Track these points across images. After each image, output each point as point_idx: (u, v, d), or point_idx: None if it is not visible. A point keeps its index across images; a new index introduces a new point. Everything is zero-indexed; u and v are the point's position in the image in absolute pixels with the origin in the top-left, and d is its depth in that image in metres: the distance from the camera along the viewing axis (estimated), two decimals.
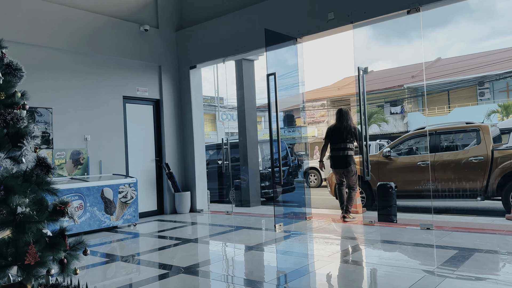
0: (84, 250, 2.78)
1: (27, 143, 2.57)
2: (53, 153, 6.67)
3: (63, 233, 2.66)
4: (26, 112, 2.68)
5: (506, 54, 22.82)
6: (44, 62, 6.69)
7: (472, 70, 22.69)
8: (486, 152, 6.89)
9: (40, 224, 2.54)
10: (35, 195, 2.63)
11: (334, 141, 6.64)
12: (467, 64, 23.31)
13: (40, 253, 2.51)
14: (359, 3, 6.08)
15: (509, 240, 4.70)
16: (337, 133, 6.61)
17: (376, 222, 6.09)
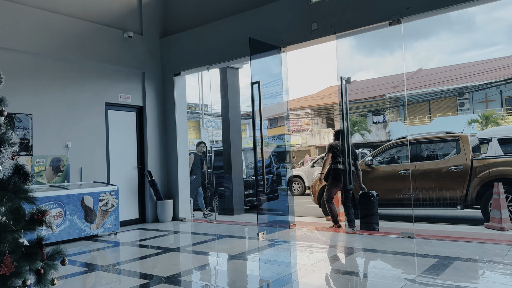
0: (62, 260, 2.71)
1: (4, 150, 2.51)
2: (32, 160, 6.53)
3: (41, 243, 2.59)
4: (4, 118, 2.62)
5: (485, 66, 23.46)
6: (24, 67, 6.58)
7: (452, 81, 23.23)
8: (466, 162, 7.03)
9: (17, 233, 2.47)
10: (11, 203, 2.56)
11: (337, 155, 6.76)
12: (447, 75, 23.87)
13: (16, 263, 2.44)
14: (342, 14, 6.17)
15: (488, 248, 4.78)
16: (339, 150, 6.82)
17: (358, 231, 6.13)
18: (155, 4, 8.68)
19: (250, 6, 7.28)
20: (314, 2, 6.42)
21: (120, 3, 8.09)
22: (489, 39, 53.79)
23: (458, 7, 5.44)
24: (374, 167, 7.96)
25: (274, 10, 6.92)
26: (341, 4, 6.18)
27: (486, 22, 61.07)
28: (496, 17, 61.09)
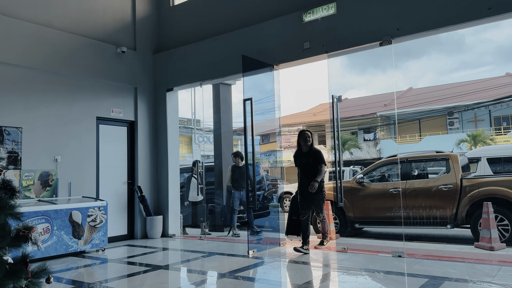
0: (47, 278, 2.66)
1: None
2: (21, 174, 6.44)
3: (25, 260, 2.54)
4: None
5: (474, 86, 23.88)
6: (16, 80, 6.54)
7: (442, 101, 23.58)
8: (456, 181, 7.08)
9: (1, 251, 2.42)
10: None
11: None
12: (437, 95, 24.23)
13: None
14: (333, 34, 6.26)
15: (478, 268, 4.78)
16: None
17: (349, 249, 6.11)
18: (149, 20, 8.75)
19: (244, 24, 7.37)
20: (306, 22, 6.52)
21: (114, 19, 8.14)
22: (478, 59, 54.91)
23: (448, 29, 5.56)
24: (365, 184, 7.98)
25: (267, 28, 7.00)
26: (333, 24, 6.28)
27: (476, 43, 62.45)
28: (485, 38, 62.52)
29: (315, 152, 6.19)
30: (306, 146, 6.26)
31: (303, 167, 6.23)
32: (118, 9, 8.23)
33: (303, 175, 6.21)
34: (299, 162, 6.28)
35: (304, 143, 6.25)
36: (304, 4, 6.62)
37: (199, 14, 8.18)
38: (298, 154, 6.33)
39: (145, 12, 8.68)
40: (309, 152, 6.23)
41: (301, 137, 6.27)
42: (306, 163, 6.19)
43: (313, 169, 6.12)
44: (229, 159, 9.24)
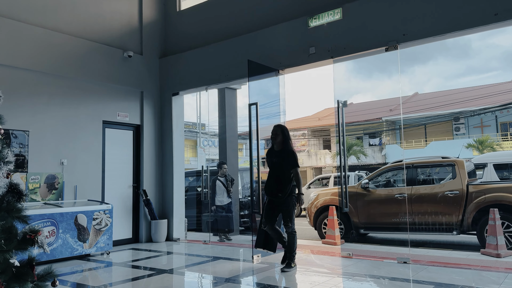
0: (53, 281, 2.67)
1: None
2: (27, 177, 6.49)
3: (32, 263, 2.56)
4: (0, 136, 2.62)
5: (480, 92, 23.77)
6: (23, 84, 6.60)
7: (448, 106, 23.47)
8: (462, 187, 7.03)
9: (8, 254, 2.44)
10: (4, 222, 2.54)
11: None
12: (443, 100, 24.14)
13: (5, 284, 2.40)
14: (339, 39, 6.27)
15: (484, 275, 4.74)
16: None
17: (354, 255, 6.08)
18: (156, 25, 8.81)
19: (249, 29, 7.40)
20: (312, 27, 6.53)
21: (121, 23, 8.20)
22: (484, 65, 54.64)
23: (454, 34, 5.55)
24: (370, 190, 7.95)
25: (272, 33, 7.03)
26: (338, 30, 6.29)
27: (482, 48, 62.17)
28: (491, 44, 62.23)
29: (286, 152, 5.40)
30: (276, 144, 5.52)
31: (271, 167, 5.51)
32: (125, 14, 8.30)
33: (269, 176, 5.50)
34: (269, 161, 5.56)
35: (272, 140, 5.54)
36: (310, 9, 6.64)
37: (205, 19, 8.23)
38: (270, 152, 5.62)
39: (152, 17, 8.75)
40: (280, 151, 5.48)
41: (271, 133, 5.59)
42: (275, 163, 5.47)
43: (282, 171, 5.36)
44: (234, 163, 9.25)
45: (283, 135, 5.46)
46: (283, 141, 5.45)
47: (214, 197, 8.33)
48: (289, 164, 5.33)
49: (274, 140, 5.51)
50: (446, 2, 5.44)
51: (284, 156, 5.37)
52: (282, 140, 5.45)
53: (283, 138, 5.45)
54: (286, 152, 5.39)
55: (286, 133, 5.49)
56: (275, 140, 5.50)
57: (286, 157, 5.36)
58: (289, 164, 5.33)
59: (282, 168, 5.36)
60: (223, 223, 8.49)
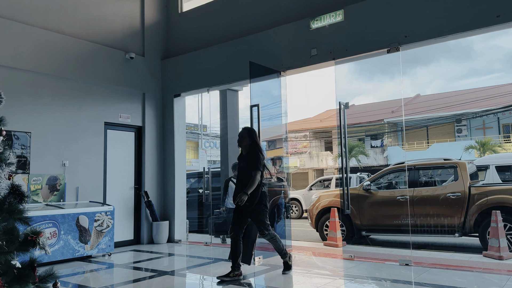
0: (54, 283, 2.68)
1: (1, 170, 2.51)
2: (29, 178, 6.50)
3: (33, 265, 2.56)
4: (2, 138, 2.62)
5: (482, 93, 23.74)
6: (25, 85, 6.62)
7: (450, 108, 23.44)
8: (464, 189, 7.01)
9: (9, 255, 2.44)
10: (6, 223, 2.54)
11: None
12: (445, 102, 24.11)
13: (7, 285, 2.40)
14: (341, 41, 6.27)
15: (486, 278, 4.72)
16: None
17: (356, 257, 6.07)
18: (158, 27, 8.82)
19: (251, 30, 7.41)
20: (313, 29, 6.53)
21: (123, 25, 8.22)
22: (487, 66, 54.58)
23: (456, 36, 5.54)
24: (372, 192, 7.93)
25: (274, 35, 7.03)
26: (340, 31, 6.29)
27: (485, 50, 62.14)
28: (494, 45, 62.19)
29: (250, 155, 5.04)
30: (243, 148, 5.18)
31: (239, 172, 5.14)
32: (127, 16, 8.32)
33: (237, 183, 5.16)
34: (238, 166, 5.24)
35: (238, 143, 5.22)
36: (312, 11, 6.64)
37: (207, 21, 8.24)
38: (239, 157, 5.31)
39: (154, 18, 8.76)
40: (246, 155, 5.10)
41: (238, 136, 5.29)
42: (241, 168, 5.11)
43: (246, 175, 4.97)
44: None
45: (250, 138, 5.11)
46: (249, 144, 5.09)
47: (225, 199, 8.04)
48: (250, 168, 4.94)
49: (240, 144, 5.17)
50: (448, 4, 5.43)
51: (249, 160, 4.99)
52: (248, 144, 5.10)
53: (249, 141, 5.10)
54: (250, 155, 5.03)
55: (253, 136, 5.14)
56: (241, 144, 5.16)
57: (249, 161, 4.98)
58: (251, 167, 4.93)
59: (248, 174, 4.94)
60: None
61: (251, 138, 5.12)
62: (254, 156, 4.98)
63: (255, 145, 5.10)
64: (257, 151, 5.04)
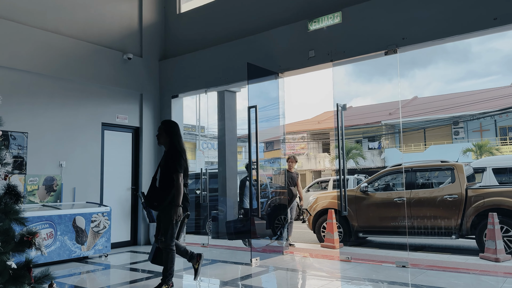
0: (50, 284, 2.67)
1: None
2: (25, 179, 6.47)
3: (29, 265, 2.55)
4: None
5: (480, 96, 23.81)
6: (23, 86, 6.60)
7: (447, 110, 23.50)
8: (461, 191, 7.03)
9: (5, 256, 2.43)
10: (1, 224, 2.53)
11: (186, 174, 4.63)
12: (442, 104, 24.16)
13: (2, 286, 2.39)
14: (338, 43, 6.28)
15: (483, 280, 4.73)
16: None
17: (353, 259, 6.07)
18: (156, 27, 8.82)
19: (249, 32, 7.41)
20: (311, 31, 6.55)
21: (121, 26, 8.21)
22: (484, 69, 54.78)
23: (453, 38, 5.56)
24: (369, 193, 7.94)
25: (272, 36, 7.04)
26: (338, 33, 6.30)
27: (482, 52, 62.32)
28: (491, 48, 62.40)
29: (168, 154, 4.51)
30: (163, 145, 4.65)
31: (159, 170, 4.61)
32: (125, 17, 8.31)
33: (152, 180, 4.65)
34: (159, 163, 4.71)
35: (157, 140, 4.70)
36: (310, 13, 6.66)
37: (205, 22, 8.25)
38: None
39: (152, 19, 8.76)
40: (166, 152, 4.60)
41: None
42: (161, 166, 4.59)
43: (164, 176, 4.46)
44: (233, 166, 9.24)
45: (167, 134, 4.56)
46: (168, 140, 4.56)
47: (242, 199, 7.69)
48: (168, 168, 4.42)
49: (158, 140, 4.64)
50: (446, 6, 5.45)
51: (167, 158, 4.48)
52: (167, 141, 4.57)
53: (167, 138, 4.56)
54: (168, 154, 4.50)
55: (170, 130, 4.58)
56: (159, 140, 4.64)
57: (167, 159, 4.46)
58: (168, 168, 4.42)
59: (166, 175, 4.45)
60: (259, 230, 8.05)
61: (168, 134, 4.56)
62: (172, 155, 4.41)
63: (175, 142, 4.52)
64: (176, 149, 4.46)
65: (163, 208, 4.46)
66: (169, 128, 4.59)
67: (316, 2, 6.65)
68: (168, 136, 4.56)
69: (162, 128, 4.60)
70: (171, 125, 4.65)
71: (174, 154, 4.42)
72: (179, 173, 4.35)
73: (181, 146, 4.55)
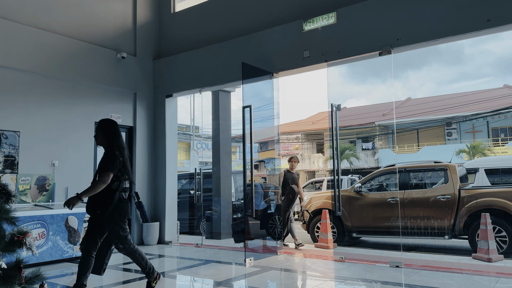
0: (41, 284, 2.64)
1: None
2: (17, 178, 6.41)
3: (19, 265, 2.52)
4: None
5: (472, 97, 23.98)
6: (15, 84, 6.53)
7: (441, 111, 23.65)
8: (454, 191, 7.06)
9: None
10: None
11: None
12: (435, 105, 24.32)
13: None
14: (333, 43, 6.29)
15: (476, 280, 4.76)
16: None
17: (347, 259, 6.07)
18: (150, 26, 8.78)
19: (244, 32, 7.40)
20: (306, 31, 6.55)
21: (115, 24, 8.16)
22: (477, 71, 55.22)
23: (447, 40, 5.59)
24: (363, 194, 7.96)
25: (267, 36, 7.03)
26: (333, 34, 6.30)
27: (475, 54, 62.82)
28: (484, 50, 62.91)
29: (104, 155, 4.19)
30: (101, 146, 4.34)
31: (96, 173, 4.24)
32: (119, 15, 8.26)
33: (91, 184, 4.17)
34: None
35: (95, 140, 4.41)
36: (305, 13, 6.66)
37: (200, 22, 8.22)
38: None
39: (146, 18, 8.72)
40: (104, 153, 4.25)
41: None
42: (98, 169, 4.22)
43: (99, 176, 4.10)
44: (227, 166, 9.22)
45: (104, 134, 4.22)
46: (106, 140, 4.22)
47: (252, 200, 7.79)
48: (101, 168, 4.08)
49: (96, 141, 4.34)
50: (439, 8, 5.48)
51: (102, 160, 4.14)
52: (103, 140, 4.23)
53: (104, 137, 4.22)
54: (105, 154, 4.17)
55: (107, 129, 4.24)
56: (96, 141, 4.34)
57: (102, 161, 4.13)
58: (101, 168, 4.08)
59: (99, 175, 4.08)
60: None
61: (105, 134, 4.22)
62: (107, 155, 4.09)
63: (113, 143, 4.17)
64: (113, 150, 4.11)
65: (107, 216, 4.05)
66: (106, 128, 4.25)
67: (311, 2, 6.66)
68: (105, 136, 4.22)
69: (99, 128, 4.26)
70: (108, 124, 4.28)
71: (109, 155, 4.09)
72: (110, 172, 3.99)
73: (120, 146, 4.20)
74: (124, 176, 4.20)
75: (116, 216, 4.11)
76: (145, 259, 4.34)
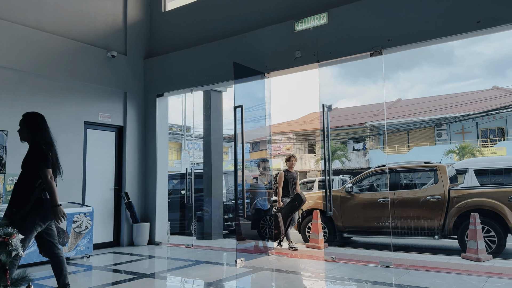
0: (28, 286, 2.59)
1: None
2: (5, 178, 6.31)
3: (5, 267, 2.47)
4: None
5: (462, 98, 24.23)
6: (3, 83, 6.43)
7: (431, 112, 23.86)
8: (443, 192, 7.12)
9: None
10: None
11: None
12: (426, 106, 24.52)
13: None
14: (325, 43, 6.30)
15: (465, 279, 4.79)
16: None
17: (337, 259, 6.08)
18: (141, 25, 8.71)
19: (236, 31, 7.38)
20: (298, 31, 6.55)
21: (105, 23, 8.08)
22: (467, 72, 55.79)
23: (437, 41, 5.63)
24: (353, 194, 7.98)
25: (259, 36, 7.02)
26: (324, 34, 6.31)
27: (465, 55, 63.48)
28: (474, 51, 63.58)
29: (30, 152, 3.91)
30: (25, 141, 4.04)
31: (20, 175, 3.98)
32: (110, 14, 8.18)
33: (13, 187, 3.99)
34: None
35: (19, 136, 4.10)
36: (296, 13, 6.66)
37: (191, 21, 8.18)
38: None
39: (137, 17, 8.65)
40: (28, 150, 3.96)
41: None
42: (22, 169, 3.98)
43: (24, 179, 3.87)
44: (219, 166, 9.18)
45: (28, 127, 3.93)
46: (30, 135, 3.93)
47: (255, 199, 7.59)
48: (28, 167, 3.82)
49: (20, 136, 4.02)
50: (430, 9, 5.51)
51: (27, 157, 3.87)
52: (27, 135, 3.95)
53: (28, 132, 3.93)
54: (30, 150, 3.87)
55: (31, 123, 3.94)
56: (20, 136, 4.01)
57: (27, 157, 3.86)
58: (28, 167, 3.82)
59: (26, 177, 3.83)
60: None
61: (29, 129, 3.92)
62: (33, 152, 3.80)
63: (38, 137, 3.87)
64: (39, 145, 3.82)
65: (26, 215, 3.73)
66: (30, 122, 3.92)
67: (302, 2, 6.66)
68: (29, 131, 3.90)
69: (22, 122, 3.95)
70: (33, 117, 3.97)
71: (35, 150, 3.77)
72: (46, 169, 3.71)
73: (47, 141, 3.90)
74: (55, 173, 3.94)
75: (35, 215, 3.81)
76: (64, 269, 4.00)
